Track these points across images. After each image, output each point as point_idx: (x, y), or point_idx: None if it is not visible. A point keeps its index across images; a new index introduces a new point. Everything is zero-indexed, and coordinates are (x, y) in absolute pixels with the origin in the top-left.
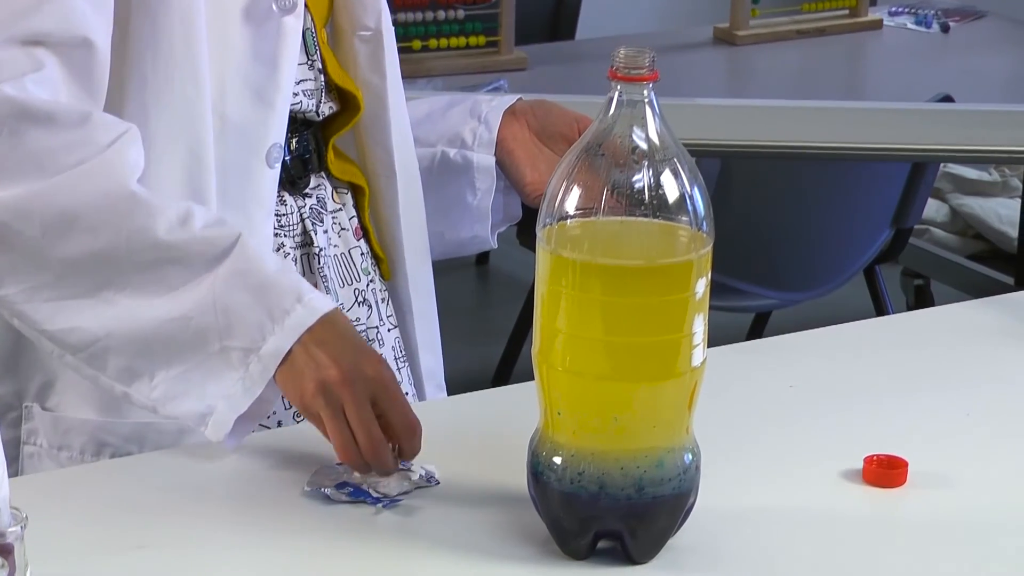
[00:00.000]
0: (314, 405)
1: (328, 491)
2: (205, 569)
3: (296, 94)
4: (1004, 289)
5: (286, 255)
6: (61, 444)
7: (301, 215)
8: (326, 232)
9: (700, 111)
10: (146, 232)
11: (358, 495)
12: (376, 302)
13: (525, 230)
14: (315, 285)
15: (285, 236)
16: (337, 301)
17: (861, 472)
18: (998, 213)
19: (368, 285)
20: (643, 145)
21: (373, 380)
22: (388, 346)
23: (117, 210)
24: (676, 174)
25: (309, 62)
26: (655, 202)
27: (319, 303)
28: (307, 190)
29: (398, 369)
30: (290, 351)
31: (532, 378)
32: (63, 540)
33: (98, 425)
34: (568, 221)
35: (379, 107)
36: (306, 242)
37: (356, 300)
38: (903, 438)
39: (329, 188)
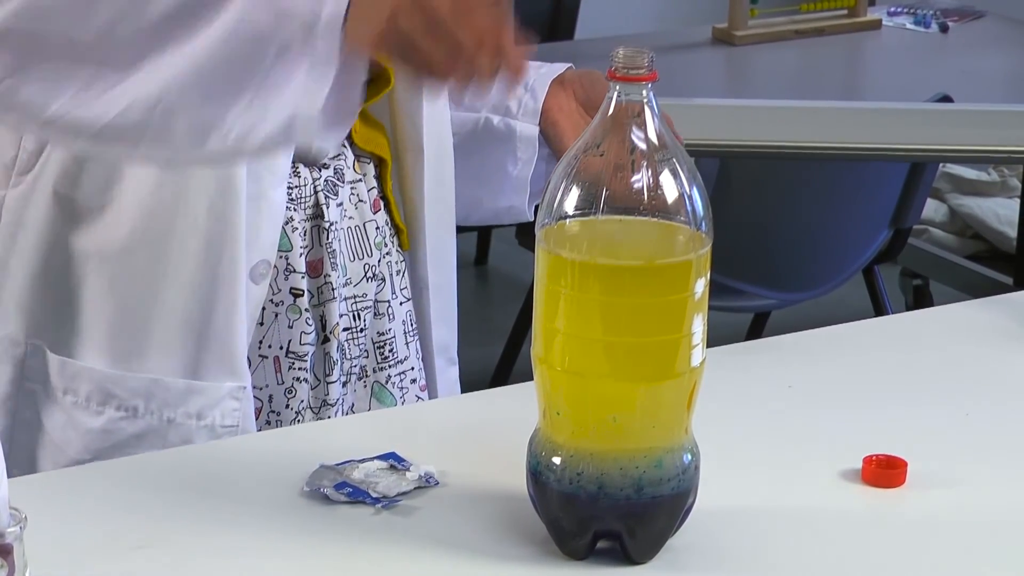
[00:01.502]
0: (400, 22)
1: (327, 491)
2: (205, 569)
3: None
4: (1003, 289)
5: (295, 228)
6: (67, 388)
7: (315, 188)
8: (340, 205)
9: (699, 111)
10: None
11: (357, 495)
12: (390, 275)
13: (524, 230)
14: (322, 259)
15: (295, 210)
16: (345, 275)
17: (860, 472)
18: (997, 213)
19: (381, 259)
20: (642, 145)
21: None
22: (399, 319)
23: None
24: (675, 174)
25: None
26: (654, 202)
27: None
28: (325, 160)
29: (407, 343)
30: (349, 4)
31: (531, 378)
32: (63, 540)
33: (107, 376)
34: (567, 221)
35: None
36: (317, 215)
37: (365, 275)
38: (902, 438)
39: (351, 158)
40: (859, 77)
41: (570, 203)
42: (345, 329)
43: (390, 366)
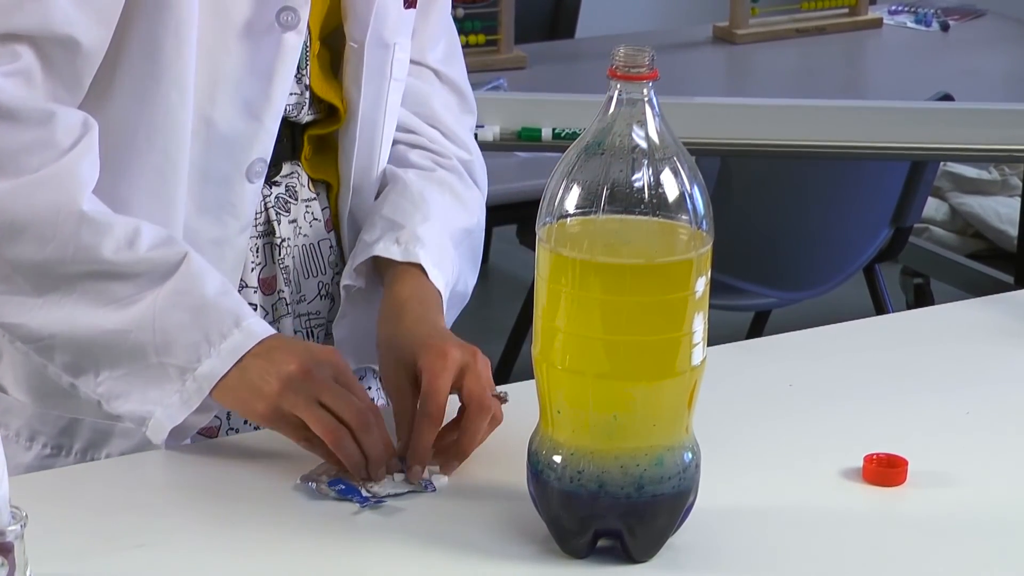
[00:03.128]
0: (284, 404)
1: (317, 486)
2: (204, 568)
3: None
4: (1004, 288)
5: (252, 238)
6: (0, 421)
7: (266, 204)
8: (293, 222)
9: (700, 110)
10: (92, 250)
11: (347, 492)
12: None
13: (525, 229)
14: (275, 276)
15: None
16: (299, 292)
17: (861, 471)
18: (998, 212)
19: (334, 278)
20: (643, 144)
21: (333, 365)
22: None
23: (66, 226)
24: (676, 173)
25: (298, 75)
26: (655, 201)
27: (257, 328)
28: (277, 178)
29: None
30: (226, 374)
31: (532, 377)
32: (62, 538)
33: (34, 414)
34: (568, 220)
35: (351, 120)
36: (268, 231)
37: (319, 293)
38: (903, 437)
39: (304, 177)
40: (860, 76)
41: (571, 202)
42: None
43: None
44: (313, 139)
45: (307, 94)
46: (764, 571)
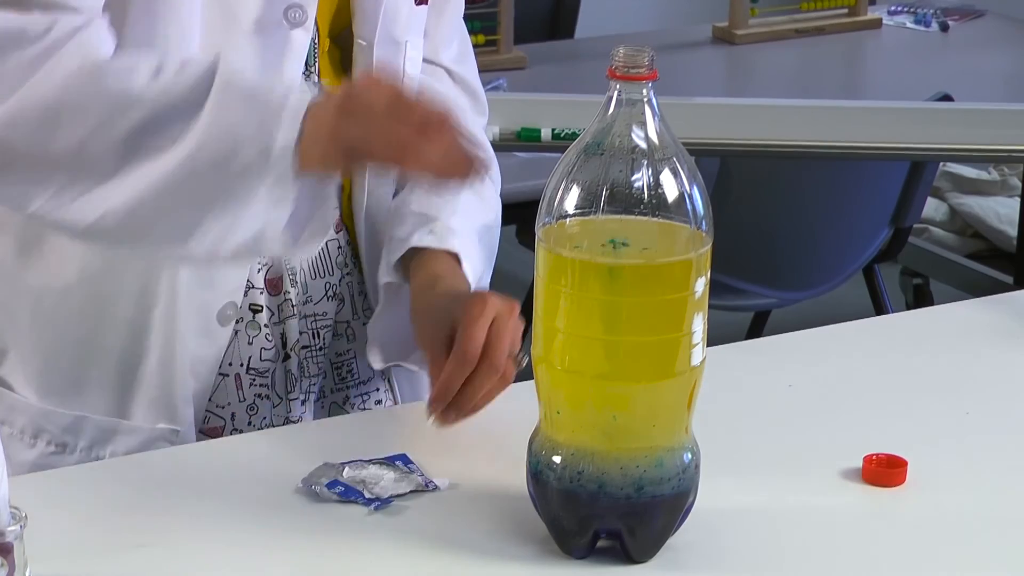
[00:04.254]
0: (344, 132)
1: (318, 489)
2: (205, 568)
3: None
4: (1003, 288)
5: None
6: (3, 418)
7: None
8: None
9: (699, 110)
10: (125, 96)
11: (349, 495)
12: (351, 295)
13: (524, 229)
14: (281, 276)
15: None
16: (305, 293)
17: (860, 471)
18: (997, 212)
19: (343, 279)
20: (642, 144)
21: (390, 88)
22: (361, 340)
23: (91, 84)
24: (675, 173)
25: (307, 72)
26: (654, 201)
27: (310, 89)
28: None
29: (369, 364)
30: (300, 133)
31: (531, 377)
32: (62, 539)
33: (38, 410)
34: (567, 220)
35: None
36: None
37: (326, 294)
38: (902, 437)
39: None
40: (859, 76)
41: (570, 202)
42: (304, 347)
43: (348, 387)
44: None
45: (316, 91)
46: (764, 571)
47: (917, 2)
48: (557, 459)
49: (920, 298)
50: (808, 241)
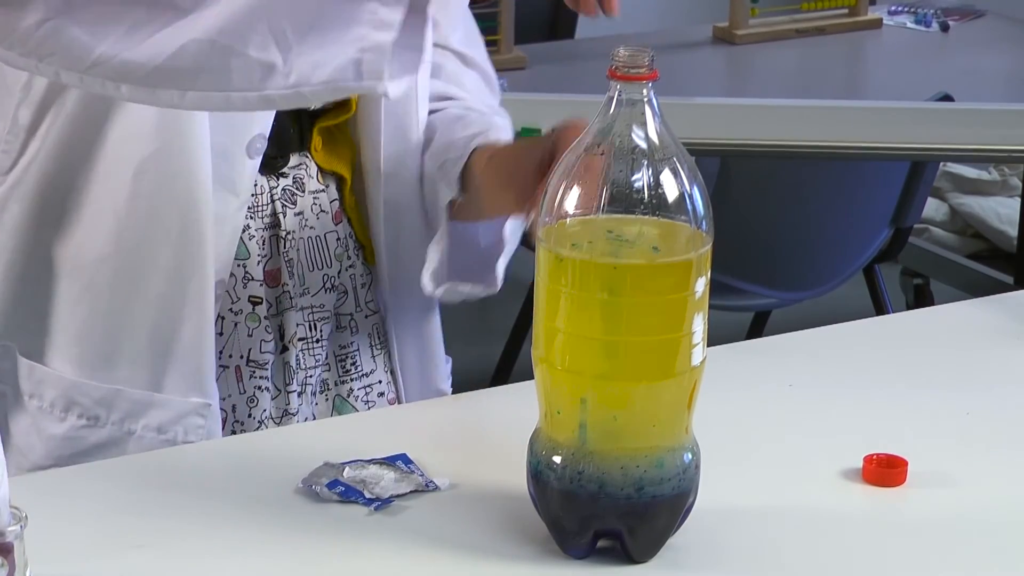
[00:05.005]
0: None
1: (318, 489)
2: (205, 568)
3: None
4: (1003, 288)
5: (251, 236)
6: (33, 392)
7: (272, 196)
8: (300, 214)
9: (699, 110)
10: None
11: (350, 495)
12: (354, 287)
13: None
14: (279, 268)
15: (252, 218)
16: (303, 284)
17: (861, 471)
18: (997, 212)
19: (343, 271)
20: (642, 144)
21: None
22: (364, 332)
23: None
24: (675, 173)
25: None
26: (655, 201)
27: None
28: (285, 169)
29: (372, 356)
30: None
31: (532, 377)
32: (62, 539)
33: (71, 383)
34: (568, 220)
35: (373, 107)
36: (274, 223)
37: (324, 286)
38: (903, 437)
39: (314, 168)
40: (860, 76)
41: (571, 202)
42: (301, 339)
43: (352, 379)
44: (324, 131)
45: None
46: (764, 571)
47: (917, 2)
48: (557, 459)
49: (920, 298)
50: (808, 241)
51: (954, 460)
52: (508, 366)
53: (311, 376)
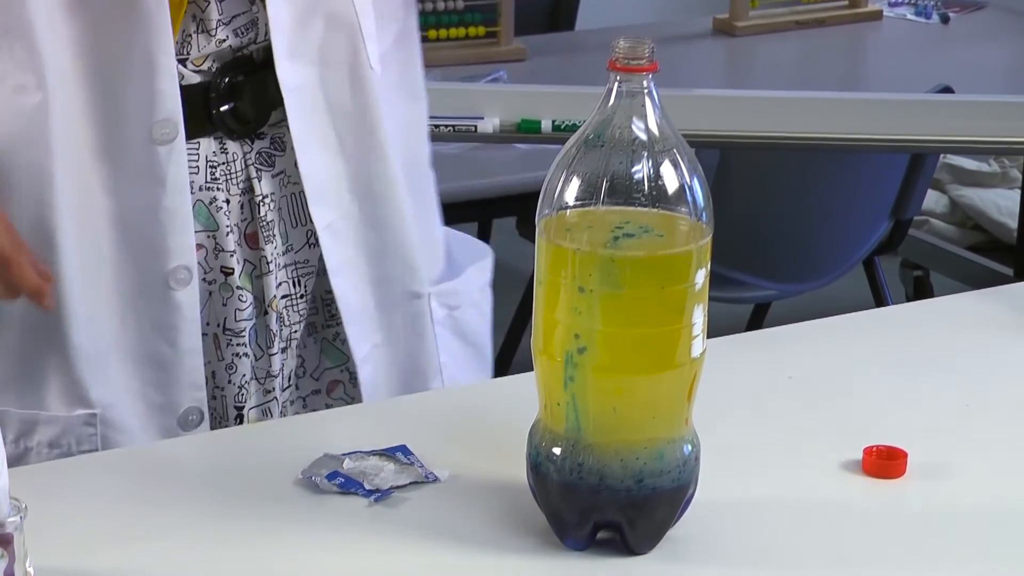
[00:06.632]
0: None
1: (318, 480)
2: (205, 559)
3: (227, 32)
4: (1003, 280)
5: (219, 208)
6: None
7: (246, 161)
8: (279, 174)
9: (699, 102)
10: None
11: (349, 486)
12: None
13: (525, 221)
14: (256, 231)
15: (219, 189)
16: (287, 242)
17: (860, 463)
18: (997, 204)
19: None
20: (643, 136)
21: None
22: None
23: None
24: (675, 165)
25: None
26: (654, 193)
27: None
28: (262, 130)
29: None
30: None
31: (531, 369)
32: (63, 530)
33: None
34: (567, 212)
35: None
36: (248, 188)
37: (307, 241)
38: (902, 429)
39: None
40: (860, 68)
41: (570, 194)
42: (284, 296)
43: (339, 323)
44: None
45: (260, 10)
46: (763, 563)
47: None
48: (557, 451)
49: (920, 290)
50: (808, 233)
51: (954, 452)
52: (508, 357)
53: (295, 331)
